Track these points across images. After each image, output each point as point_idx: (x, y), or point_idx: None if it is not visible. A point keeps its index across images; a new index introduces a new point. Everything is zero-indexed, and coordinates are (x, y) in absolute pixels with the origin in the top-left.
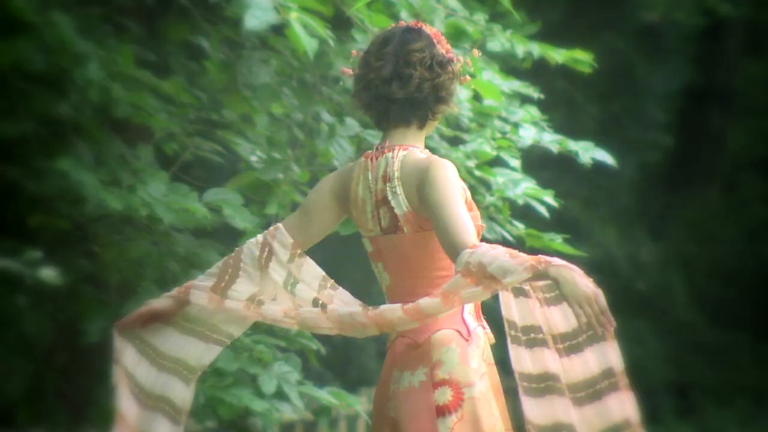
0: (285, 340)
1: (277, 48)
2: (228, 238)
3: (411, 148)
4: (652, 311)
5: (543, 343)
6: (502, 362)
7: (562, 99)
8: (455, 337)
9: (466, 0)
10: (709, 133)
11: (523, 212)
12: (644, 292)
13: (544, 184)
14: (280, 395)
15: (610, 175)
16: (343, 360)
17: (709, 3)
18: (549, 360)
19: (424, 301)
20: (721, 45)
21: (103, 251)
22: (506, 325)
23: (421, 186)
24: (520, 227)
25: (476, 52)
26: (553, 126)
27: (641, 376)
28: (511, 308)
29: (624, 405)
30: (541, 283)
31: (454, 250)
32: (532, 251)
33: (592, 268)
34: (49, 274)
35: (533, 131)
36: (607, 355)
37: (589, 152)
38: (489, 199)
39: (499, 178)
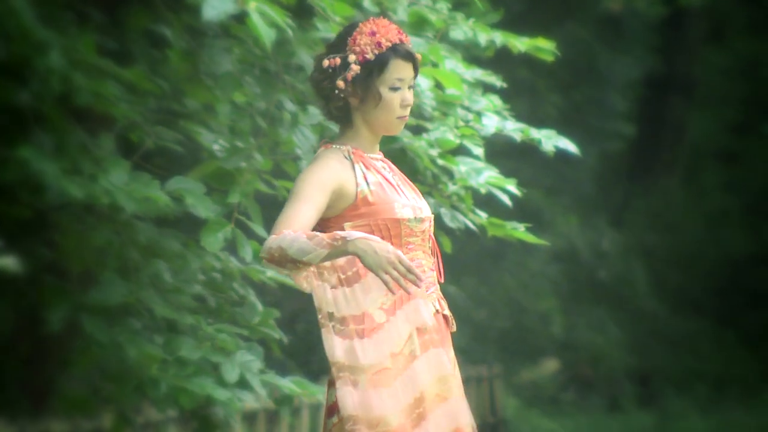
0: (247, 329)
1: (239, 36)
2: (190, 227)
3: (332, 146)
4: (614, 299)
5: (345, 331)
6: (465, 352)
7: (525, 88)
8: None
9: None
10: (670, 122)
11: (486, 201)
12: (606, 281)
13: (507, 173)
14: (243, 384)
15: (573, 164)
16: (305, 349)
17: None
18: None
19: None
20: (683, 34)
21: (64, 240)
22: (318, 313)
23: None
24: (482, 216)
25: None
26: (515, 115)
27: (602, 364)
28: (317, 294)
29: (439, 358)
30: (341, 261)
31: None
32: (495, 240)
33: (555, 257)
34: (9, 262)
35: (496, 120)
36: (419, 313)
37: (551, 140)
38: (452, 188)
39: (461, 166)
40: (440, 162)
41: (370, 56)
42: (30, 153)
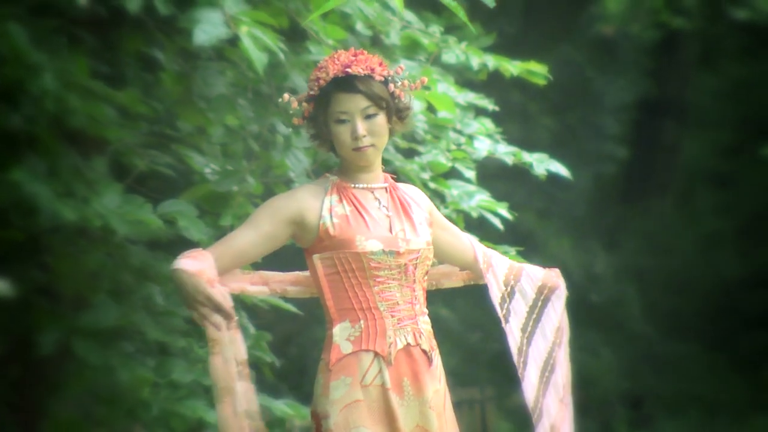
0: None
1: (232, 59)
2: (182, 250)
3: (325, 176)
4: (606, 323)
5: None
6: (457, 375)
7: (517, 111)
8: (322, 366)
9: (421, 12)
10: (663, 144)
11: (478, 224)
12: (598, 304)
13: (499, 196)
14: None
15: (565, 186)
16: (297, 372)
17: (662, 16)
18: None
19: None
20: (675, 57)
21: (56, 263)
22: None
23: None
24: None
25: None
26: (507, 138)
27: (595, 388)
28: None
29: (249, 392)
30: None
31: None
32: None
33: None
34: (1, 285)
35: (488, 143)
36: (234, 344)
37: (543, 164)
38: (443, 211)
39: (453, 190)
40: (432, 185)
41: (314, 92)
42: (23, 176)
